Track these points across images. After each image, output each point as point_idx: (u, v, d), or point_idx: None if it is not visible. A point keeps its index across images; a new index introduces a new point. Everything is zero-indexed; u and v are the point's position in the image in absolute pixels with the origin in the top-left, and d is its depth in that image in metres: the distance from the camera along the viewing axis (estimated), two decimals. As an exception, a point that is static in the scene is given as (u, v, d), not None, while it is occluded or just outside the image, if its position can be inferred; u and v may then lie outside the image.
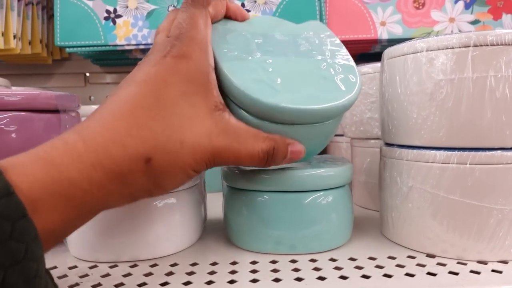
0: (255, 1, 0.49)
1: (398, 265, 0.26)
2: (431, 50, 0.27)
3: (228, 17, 0.29)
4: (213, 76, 0.23)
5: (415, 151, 0.28)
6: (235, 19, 0.29)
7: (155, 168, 0.20)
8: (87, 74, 0.67)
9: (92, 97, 0.66)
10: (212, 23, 0.27)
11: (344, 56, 0.29)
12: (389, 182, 0.31)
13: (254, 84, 0.24)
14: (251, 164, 0.24)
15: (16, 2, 0.52)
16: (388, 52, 0.31)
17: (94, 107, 0.50)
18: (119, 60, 0.60)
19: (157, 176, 0.20)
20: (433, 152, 0.27)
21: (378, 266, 0.26)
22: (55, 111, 0.33)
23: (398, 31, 0.50)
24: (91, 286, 0.24)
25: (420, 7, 0.50)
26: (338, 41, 0.30)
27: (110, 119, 0.20)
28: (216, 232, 0.35)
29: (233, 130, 0.23)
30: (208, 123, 0.22)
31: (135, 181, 0.20)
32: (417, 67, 0.28)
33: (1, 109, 0.29)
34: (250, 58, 0.26)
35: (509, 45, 0.25)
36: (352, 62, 0.28)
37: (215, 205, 0.39)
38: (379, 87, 0.33)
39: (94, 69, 0.66)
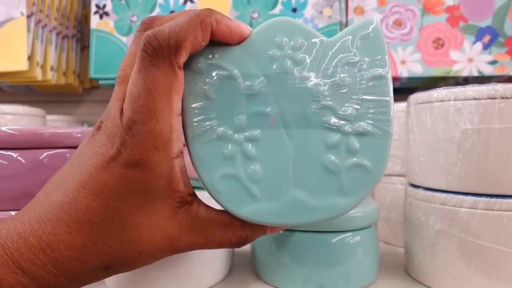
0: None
1: (427, 308, 0.27)
2: (458, 100, 0.28)
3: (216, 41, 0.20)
4: (180, 166, 0.19)
5: (442, 195, 0.29)
6: (228, 43, 0.20)
7: (114, 272, 0.20)
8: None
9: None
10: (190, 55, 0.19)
11: (379, 103, 0.20)
12: (415, 223, 0.32)
13: (225, 183, 0.20)
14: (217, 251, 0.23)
15: (55, 36, 0.55)
16: (414, 98, 0.32)
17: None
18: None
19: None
20: (460, 197, 0.28)
21: (407, 308, 0.27)
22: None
23: (418, 69, 0.51)
24: (132, 320, 0.25)
25: (440, 47, 0.52)
26: (383, 68, 0.20)
27: (64, 232, 0.18)
28: (245, 267, 0.35)
29: (201, 224, 0.20)
30: (170, 227, 0.20)
31: (96, 279, 0.20)
32: (444, 115, 0.29)
33: (47, 147, 0.31)
34: (229, 133, 0.20)
35: (534, 98, 0.26)
36: (388, 115, 0.20)
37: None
38: (405, 130, 0.34)
39: (121, 97, 0.69)
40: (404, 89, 0.60)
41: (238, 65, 0.21)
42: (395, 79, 0.53)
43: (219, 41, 0.20)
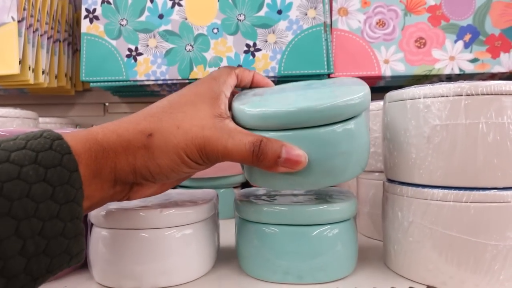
0: (266, 41, 0.53)
1: (399, 296, 0.28)
2: (427, 98, 0.29)
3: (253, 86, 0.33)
4: (225, 98, 0.29)
5: (414, 188, 0.31)
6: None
7: (153, 142, 0.25)
8: (107, 104, 0.71)
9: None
10: (241, 88, 0.33)
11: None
12: (391, 216, 0.33)
13: (254, 105, 0.29)
14: (239, 157, 0.26)
15: (46, 40, 0.57)
16: (389, 96, 0.34)
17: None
18: (137, 92, 0.64)
19: (154, 150, 0.25)
20: (431, 190, 0.30)
21: (381, 297, 0.28)
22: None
23: (400, 68, 0.53)
24: (117, 311, 0.27)
25: (422, 46, 0.53)
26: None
27: (138, 114, 0.27)
28: (229, 261, 0.37)
29: (228, 128, 0.27)
30: (206, 120, 0.26)
31: (137, 149, 0.25)
32: (415, 113, 0.30)
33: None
34: (260, 97, 0.30)
35: (498, 94, 0.28)
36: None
37: (228, 232, 0.42)
38: (382, 126, 0.36)
39: (113, 99, 0.70)
40: (390, 87, 0.62)
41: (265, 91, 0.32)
42: (379, 78, 0.54)
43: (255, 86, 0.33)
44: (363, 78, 0.54)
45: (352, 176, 0.30)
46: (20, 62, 0.51)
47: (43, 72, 0.55)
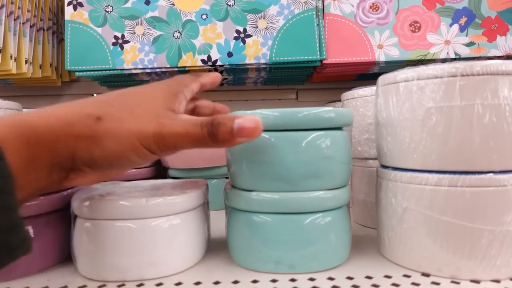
0: (257, 27, 0.52)
1: (393, 284, 0.27)
2: (421, 79, 0.28)
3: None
4: (182, 98, 0.27)
5: (408, 173, 0.30)
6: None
7: (102, 126, 0.23)
8: (94, 95, 0.69)
9: (99, 117, 0.68)
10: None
11: None
12: (385, 203, 0.32)
13: None
14: (196, 141, 0.25)
15: (28, 28, 0.55)
16: (382, 79, 0.33)
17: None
18: (126, 82, 0.62)
19: (101, 135, 0.23)
20: (425, 175, 0.29)
21: (374, 285, 0.27)
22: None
23: (395, 53, 0.51)
24: (100, 305, 0.26)
25: (416, 30, 0.52)
26: None
27: (85, 99, 0.25)
28: (219, 251, 0.36)
29: (182, 117, 0.26)
30: (160, 109, 0.25)
31: (81, 132, 0.23)
32: (409, 95, 0.29)
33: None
34: None
35: (494, 74, 0.27)
36: None
37: (220, 222, 0.41)
38: (374, 111, 0.35)
39: (101, 90, 0.68)
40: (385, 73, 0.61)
41: None
42: (373, 64, 0.53)
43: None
44: (357, 64, 0.53)
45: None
46: (0, 51, 0.49)
47: (26, 62, 0.53)
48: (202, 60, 0.51)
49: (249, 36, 0.52)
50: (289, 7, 0.51)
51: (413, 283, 0.28)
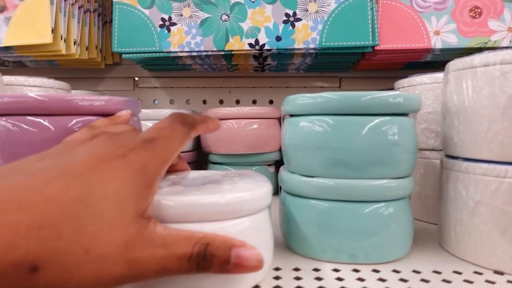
0: (307, 10, 0.50)
1: (466, 281, 0.26)
2: (505, 64, 0.26)
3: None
4: (155, 187, 0.20)
5: (484, 165, 0.28)
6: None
7: (43, 278, 0.15)
8: (136, 79, 0.69)
9: (140, 101, 0.68)
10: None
11: None
12: (452, 195, 0.30)
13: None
14: (181, 273, 0.19)
15: (77, 9, 0.55)
16: (454, 64, 0.31)
17: (144, 110, 0.52)
18: (168, 66, 0.62)
19: None
20: (504, 167, 0.27)
21: (445, 281, 0.26)
22: (123, 115, 0.34)
23: (452, 40, 0.49)
24: None
25: (477, 16, 0.49)
26: None
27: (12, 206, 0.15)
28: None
29: (160, 238, 0.19)
30: (130, 230, 0.17)
31: None
32: (489, 80, 0.27)
33: (75, 114, 0.31)
34: None
35: None
36: None
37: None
38: (442, 99, 0.33)
39: (143, 73, 0.68)
40: (435, 63, 0.58)
41: None
42: (427, 51, 0.50)
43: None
44: (410, 51, 0.50)
45: None
46: (52, 31, 0.50)
47: (74, 43, 0.54)
48: (250, 44, 0.50)
49: (299, 20, 0.50)
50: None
51: (488, 281, 0.26)
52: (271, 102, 0.68)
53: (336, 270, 0.28)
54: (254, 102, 0.68)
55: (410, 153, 0.30)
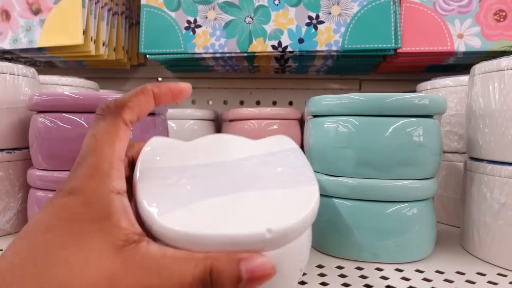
0: (330, 13, 0.51)
1: (490, 282, 0.26)
2: (533, 67, 0.26)
3: (159, 103, 0.23)
4: (120, 202, 0.18)
5: (510, 167, 0.28)
6: (168, 102, 0.23)
7: None
8: (160, 79, 0.71)
9: (163, 101, 0.70)
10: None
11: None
12: (476, 198, 0.31)
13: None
14: None
15: (106, 12, 0.57)
16: (480, 67, 0.31)
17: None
18: (192, 67, 0.64)
19: None
20: (530, 169, 0.27)
21: (468, 282, 0.26)
22: (152, 114, 0.36)
23: (476, 43, 0.49)
24: None
25: (502, 19, 0.48)
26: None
27: None
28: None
29: (153, 262, 0.17)
30: (111, 265, 0.16)
31: None
32: (517, 83, 0.27)
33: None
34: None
35: None
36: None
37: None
38: (467, 102, 0.33)
39: (166, 74, 0.70)
40: (457, 66, 0.58)
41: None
42: (450, 54, 0.50)
43: (165, 101, 0.23)
44: (433, 54, 0.50)
45: None
46: (83, 33, 0.52)
47: (103, 44, 0.56)
48: (273, 46, 0.51)
49: (322, 22, 0.51)
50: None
51: (512, 283, 0.26)
52: (290, 103, 0.69)
53: (359, 268, 0.28)
54: (274, 103, 0.69)
55: (435, 154, 0.30)
